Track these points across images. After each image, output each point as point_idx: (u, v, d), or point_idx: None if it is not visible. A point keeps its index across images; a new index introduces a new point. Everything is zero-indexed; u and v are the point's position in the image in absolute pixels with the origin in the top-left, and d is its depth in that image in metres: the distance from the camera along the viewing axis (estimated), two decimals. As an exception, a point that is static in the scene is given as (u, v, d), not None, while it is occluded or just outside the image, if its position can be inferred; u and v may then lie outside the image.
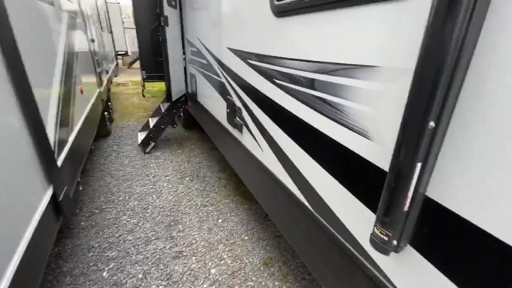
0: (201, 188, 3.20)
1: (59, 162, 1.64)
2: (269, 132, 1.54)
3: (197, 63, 3.17)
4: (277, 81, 1.38)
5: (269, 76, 1.45)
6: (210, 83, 2.77)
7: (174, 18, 3.34)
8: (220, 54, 2.28)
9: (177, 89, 3.86)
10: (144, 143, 4.03)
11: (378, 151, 0.85)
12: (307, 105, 1.17)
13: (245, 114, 1.85)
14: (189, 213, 2.74)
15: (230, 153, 2.57)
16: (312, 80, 1.10)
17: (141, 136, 4.32)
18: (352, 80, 0.91)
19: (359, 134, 0.92)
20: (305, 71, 1.13)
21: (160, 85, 7.84)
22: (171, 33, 3.35)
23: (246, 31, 1.70)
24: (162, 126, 4.04)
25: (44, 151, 1.37)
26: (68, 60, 2.05)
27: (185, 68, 3.83)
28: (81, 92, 2.31)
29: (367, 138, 0.89)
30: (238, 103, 1.94)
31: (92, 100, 2.96)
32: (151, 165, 3.71)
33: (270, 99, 1.47)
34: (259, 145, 1.71)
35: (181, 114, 4.78)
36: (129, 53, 13.23)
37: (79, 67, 2.40)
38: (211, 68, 2.63)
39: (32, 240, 1.15)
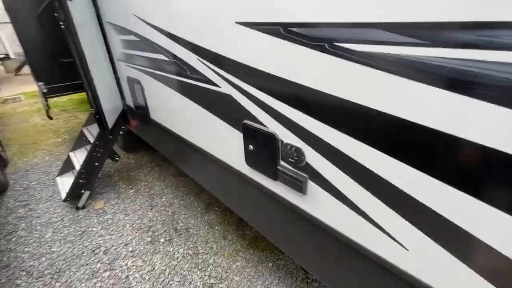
0: (190, 253, 2.09)
1: None
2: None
3: (142, 61, 1.92)
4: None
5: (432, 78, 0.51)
6: (180, 92, 1.62)
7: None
8: (210, 39, 1.17)
9: (109, 106, 2.47)
10: (73, 195, 2.59)
11: None
12: None
13: (321, 162, 0.85)
14: (191, 310, 1.67)
15: (259, 218, 1.44)
16: None
17: (64, 183, 2.82)
18: None
19: None
20: None
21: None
22: (79, 12, 1.93)
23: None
24: (96, 164, 2.64)
25: None
26: None
27: (114, 71, 2.45)
28: None
29: None
30: (294, 140, 0.91)
31: None
32: (95, 229, 2.37)
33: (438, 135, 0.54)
34: (390, 238, 0.77)
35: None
36: (12, 56, 9.82)
37: None
38: (180, 68, 1.48)
39: None
